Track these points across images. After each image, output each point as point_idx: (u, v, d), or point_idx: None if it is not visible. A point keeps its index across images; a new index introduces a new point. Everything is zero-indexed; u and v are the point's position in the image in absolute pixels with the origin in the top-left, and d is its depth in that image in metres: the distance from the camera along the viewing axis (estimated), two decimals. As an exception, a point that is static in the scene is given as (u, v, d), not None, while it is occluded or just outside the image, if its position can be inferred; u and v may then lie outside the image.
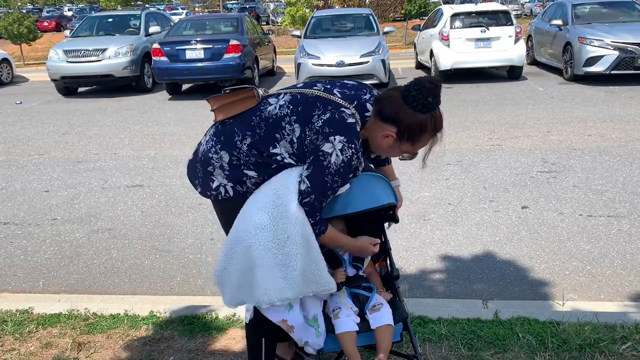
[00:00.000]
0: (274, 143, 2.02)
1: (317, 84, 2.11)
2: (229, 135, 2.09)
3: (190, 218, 4.80)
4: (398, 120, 1.95)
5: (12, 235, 4.61)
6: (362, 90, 2.09)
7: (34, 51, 21.70)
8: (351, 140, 1.93)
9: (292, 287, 2.00)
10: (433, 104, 1.95)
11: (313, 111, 1.99)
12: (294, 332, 2.07)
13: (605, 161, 5.81)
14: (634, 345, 2.60)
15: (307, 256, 1.99)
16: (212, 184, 2.12)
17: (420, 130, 1.97)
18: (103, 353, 2.77)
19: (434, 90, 1.94)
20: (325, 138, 1.92)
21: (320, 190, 1.95)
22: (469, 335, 2.74)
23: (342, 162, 1.92)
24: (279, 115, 2.02)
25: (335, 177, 1.94)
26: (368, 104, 2.04)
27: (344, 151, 1.91)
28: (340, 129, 1.93)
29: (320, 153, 1.92)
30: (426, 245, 4.10)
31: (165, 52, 10.88)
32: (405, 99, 1.94)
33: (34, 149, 7.50)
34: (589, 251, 3.88)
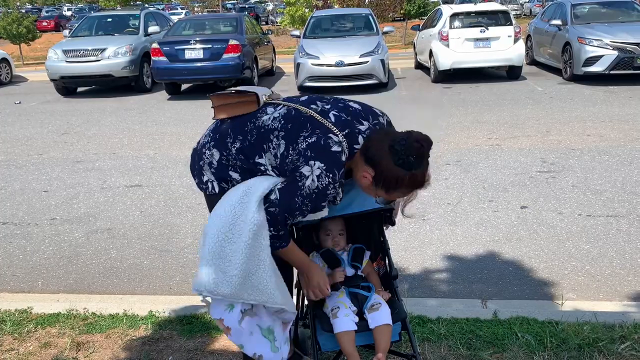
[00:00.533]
0: (260, 153, 2.04)
1: (316, 102, 2.07)
2: (223, 135, 2.12)
3: (189, 218, 4.80)
4: (377, 167, 1.92)
5: (11, 235, 4.61)
6: (361, 118, 2.03)
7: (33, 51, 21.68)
8: (330, 169, 1.90)
9: (228, 285, 1.96)
10: (414, 164, 1.89)
11: (301, 132, 1.97)
12: (230, 334, 2.04)
13: (604, 161, 5.81)
14: (632, 344, 2.60)
15: (254, 261, 1.97)
16: (203, 177, 2.18)
17: (396, 184, 1.93)
18: (102, 353, 2.77)
19: (419, 150, 1.90)
20: (306, 161, 1.90)
21: (287, 207, 1.93)
22: (468, 335, 2.74)
23: (315, 188, 1.89)
24: (270, 128, 2.03)
25: (305, 201, 1.92)
26: (360, 137, 1.99)
27: (321, 178, 1.89)
28: (322, 155, 1.90)
29: (298, 174, 1.91)
30: (425, 245, 4.10)
31: (165, 52, 10.87)
32: (391, 149, 1.90)
33: (33, 148, 7.50)
34: (588, 251, 3.88)
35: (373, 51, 10.62)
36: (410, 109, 9.00)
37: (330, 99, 2.12)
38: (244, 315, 2.04)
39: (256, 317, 2.07)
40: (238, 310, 2.03)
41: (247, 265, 1.96)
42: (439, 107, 9.04)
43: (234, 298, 1.99)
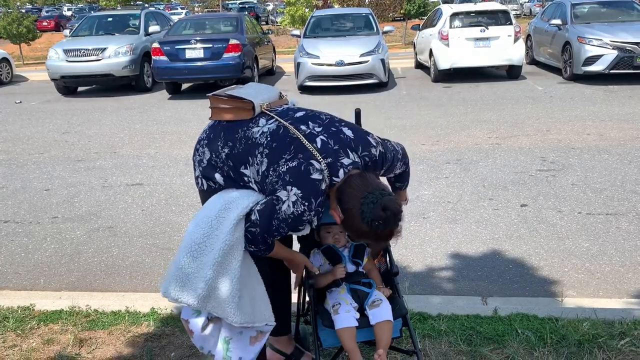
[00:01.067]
0: (245, 164, 2.06)
1: (308, 122, 2.04)
2: (216, 137, 2.15)
3: (190, 216, 4.81)
4: (345, 214, 1.96)
5: (13, 234, 4.63)
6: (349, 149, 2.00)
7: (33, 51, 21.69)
8: (307, 197, 1.89)
9: (194, 296, 1.98)
10: (378, 227, 1.90)
11: (284, 153, 1.96)
12: (193, 337, 2.10)
13: (604, 160, 5.82)
14: (632, 340, 2.62)
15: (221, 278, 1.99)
16: (195, 172, 2.25)
17: (359, 235, 1.99)
18: (104, 349, 2.79)
19: (384, 218, 1.89)
20: (284, 185, 1.90)
21: (266, 229, 1.95)
22: (468, 331, 2.76)
23: (291, 214, 1.90)
24: (256, 142, 2.03)
25: (282, 224, 1.93)
26: (342, 170, 1.96)
27: (296, 205, 1.89)
28: (300, 182, 1.89)
29: (275, 197, 1.91)
30: (425, 243, 4.11)
31: (165, 51, 10.89)
32: (360, 206, 1.91)
33: (34, 147, 7.51)
34: (588, 249, 3.90)
35: (373, 51, 10.64)
36: (410, 108, 9.01)
37: (325, 120, 2.07)
38: (209, 322, 2.09)
39: (220, 325, 2.12)
40: (204, 317, 2.08)
41: (214, 280, 1.99)
42: (439, 107, 9.05)
43: (198, 307, 2.03)
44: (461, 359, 2.57)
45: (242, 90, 2.19)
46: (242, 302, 2.04)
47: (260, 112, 2.12)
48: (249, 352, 2.13)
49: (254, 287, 2.12)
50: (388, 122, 7.89)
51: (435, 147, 6.62)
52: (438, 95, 10.14)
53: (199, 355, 2.70)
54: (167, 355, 2.71)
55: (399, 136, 7.08)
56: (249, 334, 2.13)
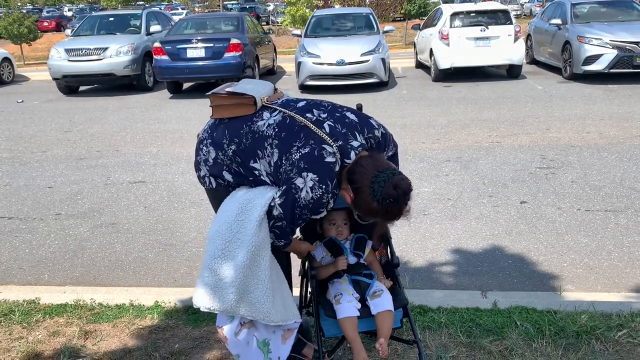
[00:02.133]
0: (254, 158, 2.08)
1: (313, 110, 2.08)
2: (219, 135, 2.16)
3: (193, 213, 4.85)
4: (356, 193, 1.99)
5: (17, 230, 4.67)
6: (356, 131, 2.04)
7: (34, 51, 21.74)
8: (323, 180, 1.93)
9: (224, 301, 2.02)
10: (389, 205, 1.94)
11: (294, 141, 1.99)
12: (228, 343, 2.14)
13: (603, 158, 5.86)
14: (629, 332, 2.66)
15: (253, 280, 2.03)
16: (200, 172, 2.25)
17: (369, 213, 2.01)
18: (109, 341, 2.83)
19: (395, 196, 1.93)
20: (299, 172, 1.93)
21: (291, 219, 2.01)
22: (468, 324, 2.80)
23: (311, 199, 1.94)
24: (264, 135, 2.05)
25: (304, 210, 1.98)
26: (353, 152, 1.99)
27: (314, 189, 1.93)
28: (315, 166, 1.93)
29: (293, 185, 1.95)
30: (426, 239, 4.15)
31: (167, 50, 10.93)
32: (371, 184, 1.94)
33: (37, 146, 7.55)
34: (587, 244, 3.94)
35: (374, 50, 10.68)
36: (410, 108, 9.05)
37: (328, 107, 2.12)
38: (242, 327, 2.11)
39: (254, 329, 2.14)
40: (237, 322, 2.11)
41: (244, 284, 2.02)
42: (440, 106, 9.09)
43: (231, 313, 2.06)
44: (461, 350, 2.61)
45: (240, 86, 2.21)
46: (276, 301, 2.08)
47: (261, 106, 2.15)
48: (285, 351, 2.17)
49: (281, 285, 2.17)
50: (389, 121, 7.93)
51: (435, 146, 6.66)
52: (438, 94, 10.17)
53: (203, 347, 2.74)
54: (171, 347, 2.75)
55: (399, 135, 7.12)
56: (280, 333, 2.17)
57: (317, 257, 2.37)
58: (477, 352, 2.59)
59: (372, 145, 2.10)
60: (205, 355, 2.68)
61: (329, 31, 12.17)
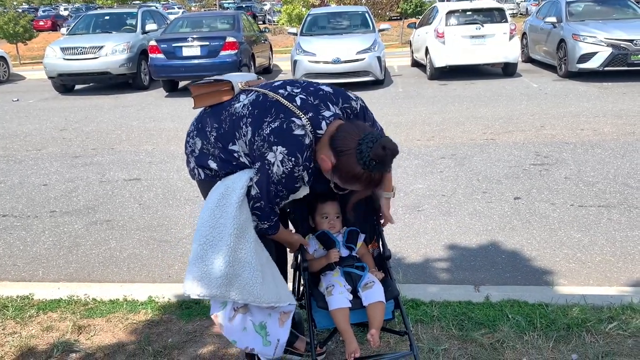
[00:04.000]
0: (233, 140, 2.09)
1: (286, 86, 2.10)
2: (204, 124, 2.20)
3: (187, 210, 4.86)
4: (340, 157, 1.94)
5: (11, 227, 4.67)
6: (330, 102, 2.05)
7: (30, 50, 21.69)
8: (292, 153, 1.92)
9: (214, 287, 2.01)
10: (374, 167, 1.91)
11: (265, 117, 2.00)
12: (223, 330, 2.12)
13: (597, 154, 5.89)
14: (619, 324, 2.67)
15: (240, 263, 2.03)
16: (189, 165, 2.28)
17: (352, 179, 1.96)
18: (103, 336, 2.83)
19: (383, 157, 1.90)
20: (270, 147, 1.94)
21: (267, 197, 2.00)
22: (460, 317, 2.81)
23: (282, 174, 1.93)
24: (240, 115, 2.08)
25: (278, 187, 1.97)
26: (324, 122, 1.98)
27: (284, 163, 1.92)
28: (284, 140, 1.93)
29: (266, 161, 1.95)
30: (420, 235, 4.17)
31: (162, 49, 10.93)
32: (357, 147, 1.91)
33: (32, 144, 7.54)
34: (580, 239, 3.96)
35: (369, 48, 10.69)
36: (406, 105, 9.07)
37: (303, 83, 2.14)
38: (236, 312, 2.11)
39: (248, 313, 2.13)
40: (230, 307, 2.10)
41: (232, 268, 2.02)
42: (435, 104, 9.11)
43: (223, 298, 2.06)
44: (453, 343, 2.62)
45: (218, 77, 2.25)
46: (266, 281, 2.07)
47: (240, 90, 2.17)
48: (283, 333, 2.16)
49: (271, 266, 2.16)
50: (384, 119, 7.94)
51: (430, 143, 6.68)
52: (434, 92, 10.20)
53: (196, 341, 2.75)
54: (164, 341, 2.76)
55: (394, 132, 7.14)
56: (276, 316, 2.16)
57: (310, 249, 2.38)
58: (469, 344, 2.60)
59: (348, 115, 2.10)
60: (198, 349, 2.68)
61: (324, 29, 12.18)
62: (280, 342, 2.16)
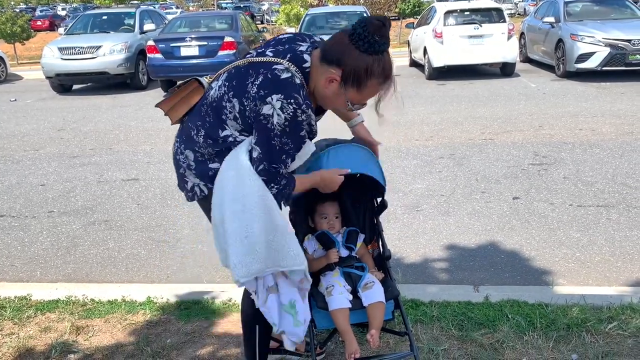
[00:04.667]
0: (222, 125, 1.97)
1: (250, 52, 2.03)
2: (187, 132, 2.07)
3: (186, 210, 4.84)
4: (343, 62, 1.82)
5: (9, 227, 4.65)
6: (298, 41, 1.98)
7: (27, 50, 21.63)
8: (289, 95, 1.81)
9: (258, 261, 1.93)
10: (380, 44, 1.80)
11: (247, 80, 1.90)
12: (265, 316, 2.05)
13: (596, 154, 5.89)
14: (619, 324, 2.67)
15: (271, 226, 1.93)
16: (186, 185, 2.10)
17: (367, 74, 1.82)
18: (101, 336, 2.82)
19: (382, 30, 1.79)
20: (263, 101, 1.82)
21: (270, 155, 1.87)
22: (459, 317, 2.81)
23: (285, 121, 1.81)
24: (219, 96, 1.97)
25: (282, 139, 1.84)
26: (305, 55, 1.91)
27: (284, 109, 1.80)
28: (275, 87, 1.82)
29: (262, 117, 1.83)
30: (419, 235, 4.16)
31: (160, 49, 10.91)
32: (352, 38, 1.80)
33: (30, 144, 7.52)
34: (579, 239, 3.96)
35: (368, 48, 10.67)
36: (404, 105, 9.06)
37: (263, 44, 2.06)
38: (268, 292, 2.03)
39: (277, 294, 2.06)
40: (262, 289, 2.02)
41: (265, 234, 1.92)
42: (433, 103, 9.11)
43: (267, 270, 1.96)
44: (452, 343, 2.61)
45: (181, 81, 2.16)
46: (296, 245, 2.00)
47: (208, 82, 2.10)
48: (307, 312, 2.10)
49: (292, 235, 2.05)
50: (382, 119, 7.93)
51: (429, 143, 6.68)
52: (432, 92, 10.20)
53: (194, 342, 2.74)
54: (163, 342, 2.75)
55: (393, 132, 7.13)
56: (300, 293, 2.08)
57: (309, 250, 2.37)
58: (469, 344, 2.60)
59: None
60: (197, 350, 2.67)
61: (323, 29, 12.18)
62: (306, 322, 2.08)
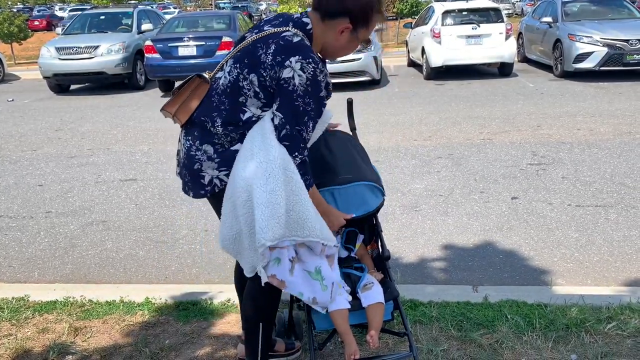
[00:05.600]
0: (241, 109, 1.98)
1: (247, 33, 2.08)
2: (201, 127, 2.05)
3: (184, 210, 4.84)
4: (348, 10, 1.95)
5: (6, 228, 4.63)
6: (288, 15, 2.08)
7: (25, 50, 21.59)
8: (307, 55, 1.88)
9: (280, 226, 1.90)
10: None
11: (258, 53, 1.94)
12: (286, 287, 2.00)
13: (594, 154, 5.90)
14: (618, 324, 2.67)
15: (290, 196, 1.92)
16: (203, 180, 2.07)
17: (371, 9, 1.98)
18: (99, 337, 2.81)
19: None
20: (281, 66, 1.87)
21: (294, 117, 1.90)
22: (458, 317, 2.80)
23: (307, 81, 1.87)
24: (233, 80, 1.98)
25: (305, 99, 1.89)
26: (304, 19, 2.01)
27: (305, 69, 1.87)
28: (290, 50, 1.89)
29: (283, 81, 1.88)
30: (417, 235, 4.16)
31: (158, 49, 10.90)
32: None
33: (27, 144, 7.50)
34: (577, 239, 3.96)
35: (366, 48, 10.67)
36: (402, 105, 9.06)
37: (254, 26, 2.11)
38: (292, 263, 2.00)
39: (302, 263, 2.04)
40: (286, 260, 1.98)
41: (285, 203, 1.91)
42: (431, 103, 9.11)
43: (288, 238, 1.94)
44: (452, 344, 2.61)
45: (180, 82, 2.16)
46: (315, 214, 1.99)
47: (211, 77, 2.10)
48: (335, 276, 2.09)
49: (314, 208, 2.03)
50: (381, 119, 7.93)
51: (427, 143, 6.67)
52: (430, 92, 10.20)
53: (193, 343, 2.73)
54: (161, 342, 2.74)
55: (391, 132, 7.13)
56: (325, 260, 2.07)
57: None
58: (468, 345, 2.59)
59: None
60: (195, 351, 2.67)
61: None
62: (334, 285, 2.07)
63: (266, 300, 2.18)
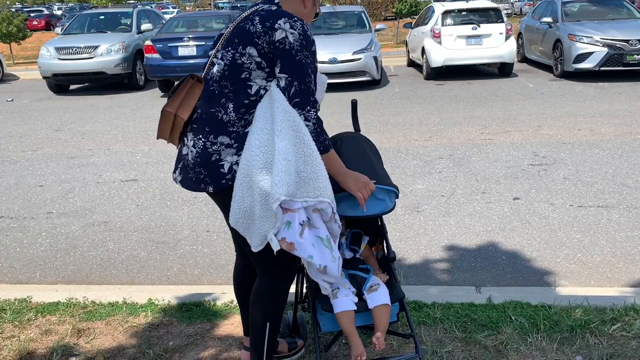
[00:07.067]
0: (247, 84, 2.01)
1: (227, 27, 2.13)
2: (211, 119, 2.05)
3: (185, 211, 4.83)
4: None
5: (7, 229, 4.62)
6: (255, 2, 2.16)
7: (24, 50, 21.56)
8: (290, 16, 1.98)
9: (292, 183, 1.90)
10: None
11: (245, 29, 2.00)
12: (295, 249, 1.95)
13: (595, 154, 5.90)
14: (623, 326, 2.67)
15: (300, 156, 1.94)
16: (223, 169, 2.04)
17: None
18: (102, 339, 2.80)
19: None
20: (272, 29, 1.95)
21: (298, 72, 1.95)
22: (463, 319, 2.80)
23: (300, 36, 1.95)
24: (229, 62, 2.02)
25: (304, 52, 1.96)
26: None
27: (294, 26, 1.95)
28: (275, 15, 1.98)
29: (278, 43, 1.95)
30: (420, 236, 4.15)
31: (158, 49, 10.88)
32: None
33: (27, 145, 7.49)
34: (580, 240, 3.95)
35: (366, 48, 10.68)
36: (403, 106, 9.06)
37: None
38: (303, 227, 1.97)
39: (314, 229, 2.01)
40: (297, 224, 1.96)
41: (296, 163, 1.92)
42: (432, 104, 9.11)
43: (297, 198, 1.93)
44: (456, 345, 2.60)
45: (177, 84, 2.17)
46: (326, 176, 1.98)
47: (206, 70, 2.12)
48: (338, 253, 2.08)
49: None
50: (381, 119, 7.93)
51: (428, 143, 6.67)
52: (430, 92, 10.19)
53: (197, 344, 2.72)
54: (165, 344, 2.73)
55: (392, 132, 7.12)
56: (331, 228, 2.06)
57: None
58: (473, 346, 2.59)
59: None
60: (200, 353, 2.66)
61: (320, 29, 12.15)
62: (340, 260, 2.06)
63: (273, 303, 2.17)
